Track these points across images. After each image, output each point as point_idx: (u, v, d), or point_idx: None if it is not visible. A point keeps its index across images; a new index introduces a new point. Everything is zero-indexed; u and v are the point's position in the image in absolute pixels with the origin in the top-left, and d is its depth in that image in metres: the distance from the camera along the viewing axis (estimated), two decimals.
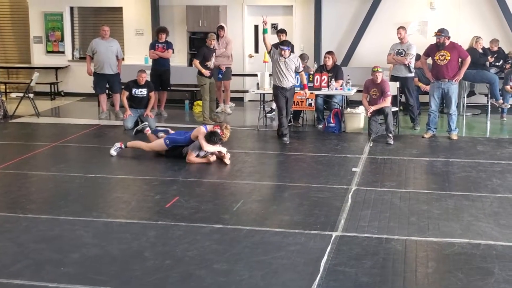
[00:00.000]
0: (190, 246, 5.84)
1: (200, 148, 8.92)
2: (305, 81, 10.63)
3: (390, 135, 10.30)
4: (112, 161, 9.31)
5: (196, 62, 11.88)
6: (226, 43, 13.24)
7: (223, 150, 9.01)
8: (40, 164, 9.32)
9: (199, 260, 5.54)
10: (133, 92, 11.75)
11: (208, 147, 8.88)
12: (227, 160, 8.92)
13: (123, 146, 9.49)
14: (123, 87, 12.20)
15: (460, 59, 10.48)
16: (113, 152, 9.42)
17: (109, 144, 10.33)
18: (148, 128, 10.10)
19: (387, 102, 10.47)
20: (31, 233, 6.25)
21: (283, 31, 12.87)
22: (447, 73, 10.40)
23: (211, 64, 11.97)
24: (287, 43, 10.47)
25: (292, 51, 12.89)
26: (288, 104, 10.50)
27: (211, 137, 8.83)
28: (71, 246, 5.87)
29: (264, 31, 10.54)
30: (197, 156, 8.97)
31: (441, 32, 10.42)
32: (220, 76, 13.06)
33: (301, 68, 10.50)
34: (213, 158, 9.00)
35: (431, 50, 10.65)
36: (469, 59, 10.54)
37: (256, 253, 5.67)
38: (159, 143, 9.39)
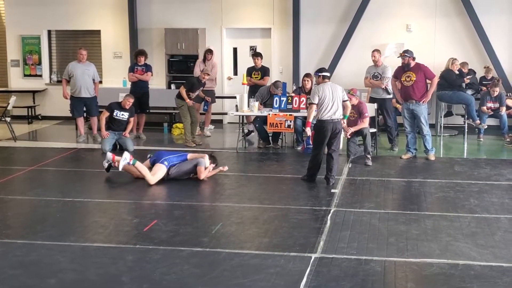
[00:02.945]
0: (169, 270, 5.79)
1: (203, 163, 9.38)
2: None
3: (369, 156, 10.35)
4: (90, 185, 9.24)
5: (183, 90, 12.01)
6: (212, 66, 13.34)
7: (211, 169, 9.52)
8: (17, 188, 9.22)
9: (178, 284, 5.49)
10: (114, 114, 11.69)
11: (207, 163, 9.42)
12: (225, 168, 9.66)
13: (131, 163, 9.12)
14: (101, 110, 12.14)
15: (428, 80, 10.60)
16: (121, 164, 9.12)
17: (87, 168, 10.31)
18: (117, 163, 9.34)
19: (365, 123, 10.53)
20: (7, 258, 6.17)
21: (258, 55, 13.00)
22: (414, 94, 10.51)
23: (193, 95, 12.17)
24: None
25: (267, 74, 13.06)
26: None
27: (212, 158, 9.58)
28: (48, 272, 5.81)
29: (345, 117, 9.46)
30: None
31: (405, 53, 10.57)
32: (206, 107, 13.16)
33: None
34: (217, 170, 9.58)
35: (398, 72, 10.80)
36: (436, 80, 10.69)
37: (235, 276, 5.64)
38: (161, 170, 9.13)
